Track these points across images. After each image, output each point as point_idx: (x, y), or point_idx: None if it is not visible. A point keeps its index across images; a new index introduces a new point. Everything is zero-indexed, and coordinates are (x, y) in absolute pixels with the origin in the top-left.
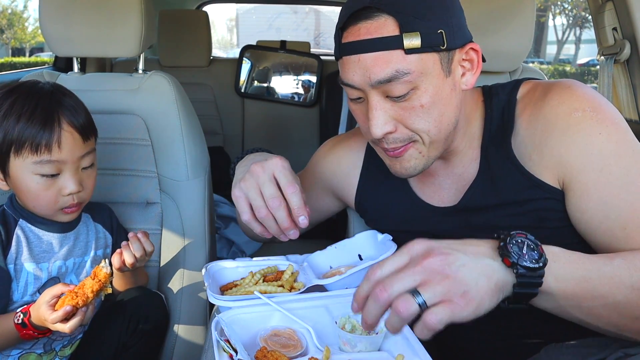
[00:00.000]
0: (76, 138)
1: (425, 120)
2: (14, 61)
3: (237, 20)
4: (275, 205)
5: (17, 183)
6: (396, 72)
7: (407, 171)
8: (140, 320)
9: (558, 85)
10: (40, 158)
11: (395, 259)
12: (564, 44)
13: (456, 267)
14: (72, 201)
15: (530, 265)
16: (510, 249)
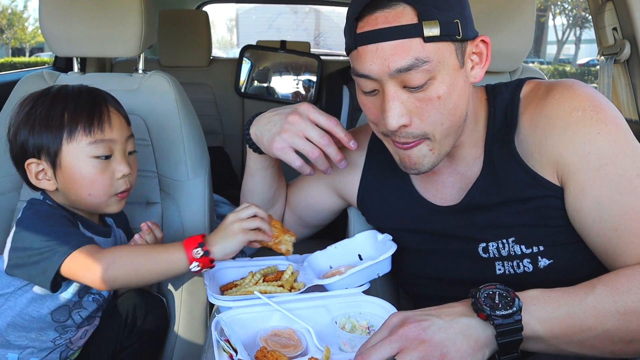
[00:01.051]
0: (121, 119)
1: (440, 112)
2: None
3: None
4: (326, 142)
5: (71, 172)
6: (416, 60)
7: (417, 167)
8: (137, 320)
9: (560, 84)
10: (94, 138)
11: (377, 335)
12: (564, 44)
13: (432, 332)
14: (125, 185)
15: (505, 313)
16: (483, 303)
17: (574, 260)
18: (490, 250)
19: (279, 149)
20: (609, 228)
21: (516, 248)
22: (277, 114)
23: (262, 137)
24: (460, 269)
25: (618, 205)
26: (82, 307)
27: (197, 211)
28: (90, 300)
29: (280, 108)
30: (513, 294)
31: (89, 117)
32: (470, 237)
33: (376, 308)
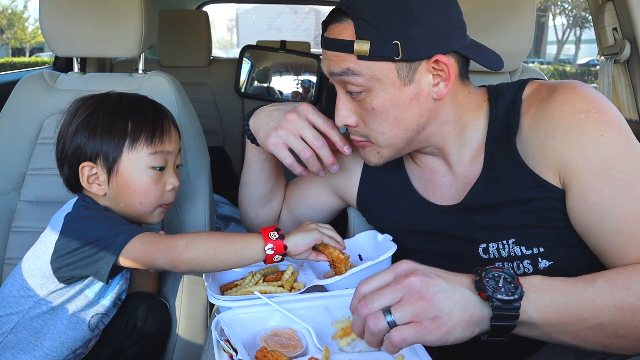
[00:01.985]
0: (176, 133)
1: (378, 122)
2: (14, 61)
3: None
4: (320, 144)
5: (127, 180)
6: (347, 70)
7: (370, 163)
8: (138, 321)
9: (563, 85)
10: (154, 149)
11: (381, 276)
12: (564, 44)
13: (434, 291)
14: (172, 198)
15: (505, 298)
16: (486, 283)
17: (574, 262)
18: (490, 251)
19: (273, 144)
20: (611, 231)
21: (516, 249)
22: (277, 109)
23: (259, 130)
24: (461, 270)
25: (620, 209)
26: (106, 315)
27: (197, 211)
28: (112, 306)
29: (281, 104)
30: (517, 280)
31: (152, 127)
32: (470, 237)
33: None
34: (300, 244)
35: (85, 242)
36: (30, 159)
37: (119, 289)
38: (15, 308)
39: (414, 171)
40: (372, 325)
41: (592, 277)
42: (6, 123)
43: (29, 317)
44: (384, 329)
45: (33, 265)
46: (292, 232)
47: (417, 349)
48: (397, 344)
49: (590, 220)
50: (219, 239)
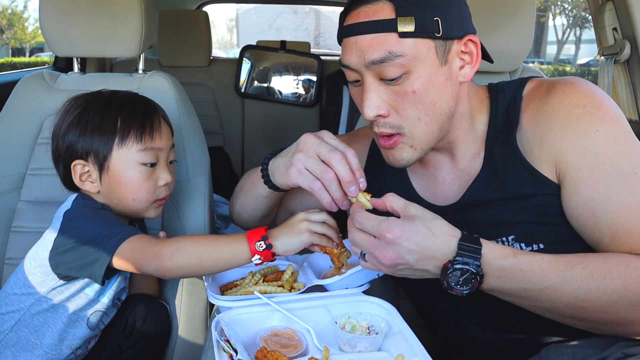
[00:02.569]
0: (168, 129)
1: (416, 107)
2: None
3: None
4: (338, 157)
5: (119, 177)
6: (389, 54)
7: (400, 162)
8: (137, 323)
9: (562, 82)
10: (144, 145)
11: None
12: (564, 44)
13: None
14: (166, 192)
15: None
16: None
17: None
18: None
19: (294, 172)
20: (604, 224)
21: (516, 246)
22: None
23: (278, 166)
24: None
25: (613, 202)
26: (106, 314)
27: (197, 211)
28: (111, 306)
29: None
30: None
31: (142, 124)
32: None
33: (376, 308)
34: (289, 250)
35: (81, 242)
36: (30, 159)
37: (117, 287)
38: (17, 306)
39: (415, 171)
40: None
41: (572, 263)
42: (6, 123)
43: (30, 315)
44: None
45: (34, 262)
46: (281, 232)
47: (417, 350)
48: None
49: (584, 214)
50: (206, 248)
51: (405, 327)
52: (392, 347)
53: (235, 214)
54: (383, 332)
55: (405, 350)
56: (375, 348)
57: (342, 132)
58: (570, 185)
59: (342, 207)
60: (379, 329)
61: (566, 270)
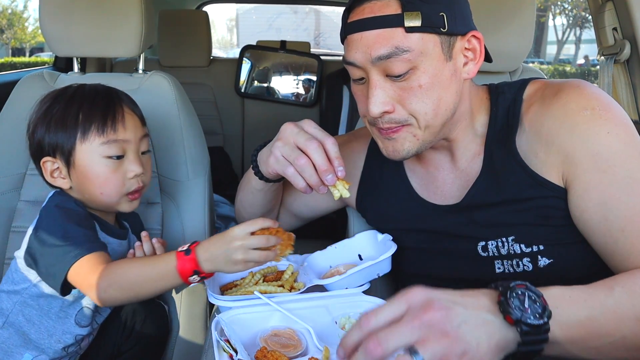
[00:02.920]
0: (136, 119)
1: (423, 101)
2: (14, 61)
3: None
4: (314, 146)
5: (85, 171)
6: (395, 49)
7: (400, 154)
8: (136, 324)
9: (567, 84)
10: (107, 138)
11: (392, 308)
12: (564, 44)
13: (457, 324)
14: (137, 184)
15: (535, 323)
16: (512, 304)
17: (574, 260)
18: (489, 248)
19: (273, 159)
20: (616, 229)
21: (515, 247)
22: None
23: (262, 156)
24: (460, 268)
25: (626, 207)
26: (99, 312)
27: (197, 211)
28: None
29: None
30: (543, 300)
31: (103, 117)
32: (469, 235)
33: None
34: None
35: (44, 249)
36: (30, 159)
37: None
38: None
39: (415, 170)
40: None
41: (609, 285)
42: (6, 123)
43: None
44: None
45: (19, 260)
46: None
47: None
48: None
49: (594, 218)
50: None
51: None
52: None
53: (236, 212)
54: None
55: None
56: None
57: (342, 132)
58: (580, 189)
59: (318, 191)
60: None
61: (609, 290)
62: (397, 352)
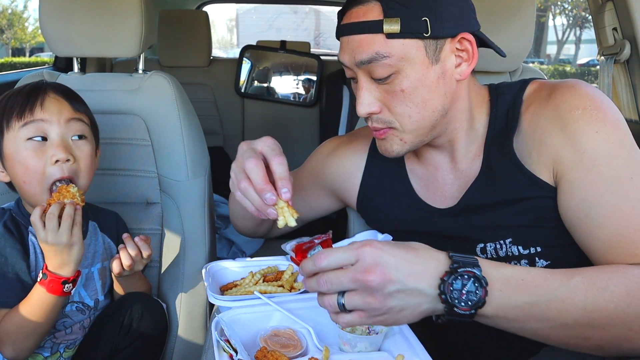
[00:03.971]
0: (62, 102)
1: (406, 105)
2: (14, 61)
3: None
4: (251, 165)
5: (12, 160)
6: (376, 54)
7: (391, 153)
8: (133, 322)
9: (562, 84)
10: (25, 120)
11: (344, 256)
12: (564, 44)
13: (388, 292)
14: (61, 173)
15: (460, 312)
16: (449, 289)
17: (571, 261)
18: (488, 251)
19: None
20: (595, 227)
21: (513, 249)
22: None
23: None
24: None
25: (607, 205)
26: (66, 316)
27: (197, 211)
28: (74, 310)
29: None
30: (484, 291)
31: (24, 103)
32: (467, 237)
33: None
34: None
35: None
36: None
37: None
38: None
39: (416, 171)
40: (325, 302)
41: (571, 274)
42: None
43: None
44: (335, 308)
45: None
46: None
47: (417, 350)
48: (342, 325)
49: (576, 215)
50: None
51: (405, 327)
52: (392, 347)
53: (232, 221)
54: (383, 332)
55: (405, 350)
56: (375, 348)
57: (342, 132)
58: (565, 187)
59: (268, 216)
60: (379, 329)
61: (568, 280)
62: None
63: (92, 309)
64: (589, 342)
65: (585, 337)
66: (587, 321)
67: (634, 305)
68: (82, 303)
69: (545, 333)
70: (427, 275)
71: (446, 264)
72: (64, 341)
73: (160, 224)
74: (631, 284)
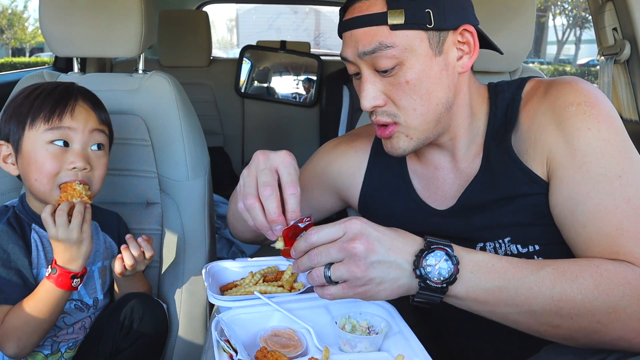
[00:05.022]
0: (90, 112)
1: (411, 97)
2: (14, 61)
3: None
4: (267, 193)
5: (28, 157)
6: (380, 44)
7: (397, 151)
8: (134, 322)
9: (560, 81)
10: (51, 125)
11: (332, 230)
12: (564, 44)
13: (371, 261)
14: (73, 177)
15: (433, 285)
16: (423, 263)
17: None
18: (487, 250)
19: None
20: (579, 224)
21: (512, 248)
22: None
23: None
24: None
25: (592, 203)
26: (66, 313)
27: (197, 211)
28: (73, 308)
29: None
30: (456, 268)
31: (53, 106)
32: (467, 237)
33: (376, 308)
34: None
35: None
36: None
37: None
38: None
39: (417, 171)
40: (314, 275)
41: (543, 264)
42: None
43: None
44: (322, 280)
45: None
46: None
47: (417, 350)
48: (326, 298)
49: (563, 213)
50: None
51: (405, 327)
52: (392, 347)
53: (229, 225)
54: (383, 332)
55: (405, 350)
56: (375, 348)
57: (342, 132)
58: (556, 183)
59: (266, 235)
60: (379, 329)
61: (538, 270)
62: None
63: (91, 308)
64: (559, 331)
65: (554, 325)
66: (554, 310)
67: (601, 298)
68: (81, 301)
69: (514, 318)
70: (405, 252)
71: (422, 243)
72: (65, 340)
73: (160, 224)
74: (601, 277)
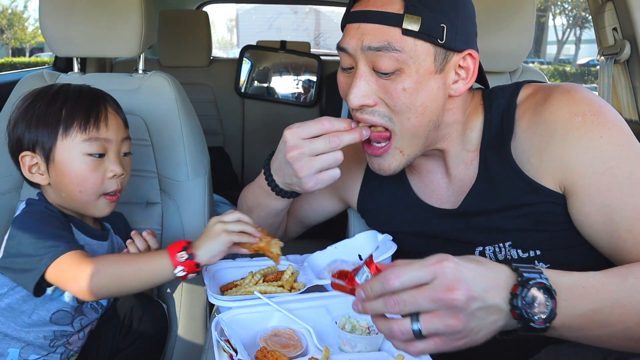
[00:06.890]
0: (119, 120)
1: (406, 105)
2: (14, 61)
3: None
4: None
5: (64, 168)
6: (388, 44)
7: (387, 171)
8: (134, 322)
9: (558, 89)
10: (89, 136)
11: (419, 274)
12: (564, 44)
13: (471, 311)
14: (116, 186)
15: (536, 327)
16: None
17: (571, 265)
18: (487, 254)
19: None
20: (623, 230)
21: (513, 252)
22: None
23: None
24: None
25: (630, 207)
26: (83, 314)
27: (197, 211)
28: (89, 308)
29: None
30: (554, 303)
31: (86, 115)
32: (466, 240)
33: None
34: (212, 256)
35: (18, 254)
36: None
37: None
38: None
39: (413, 173)
40: (395, 328)
41: (623, 275)
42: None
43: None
44: (408, 334)
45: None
46: (200, 241)
47: None
48: (414, 354)
49: (599, 221)
50: (126, 265)
51: None
52: (392, 347)
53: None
54: None
55: None
56: (375, 348)
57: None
58: (581, 194)
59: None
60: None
61: (622, 282)
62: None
63: (103, 308)
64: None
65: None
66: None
67: None
68: (97, 302)
69: (606, 339)
70: (500, 288)
71: (513, 276)
72: (76, 347)
73: (161, 224)
74: None
